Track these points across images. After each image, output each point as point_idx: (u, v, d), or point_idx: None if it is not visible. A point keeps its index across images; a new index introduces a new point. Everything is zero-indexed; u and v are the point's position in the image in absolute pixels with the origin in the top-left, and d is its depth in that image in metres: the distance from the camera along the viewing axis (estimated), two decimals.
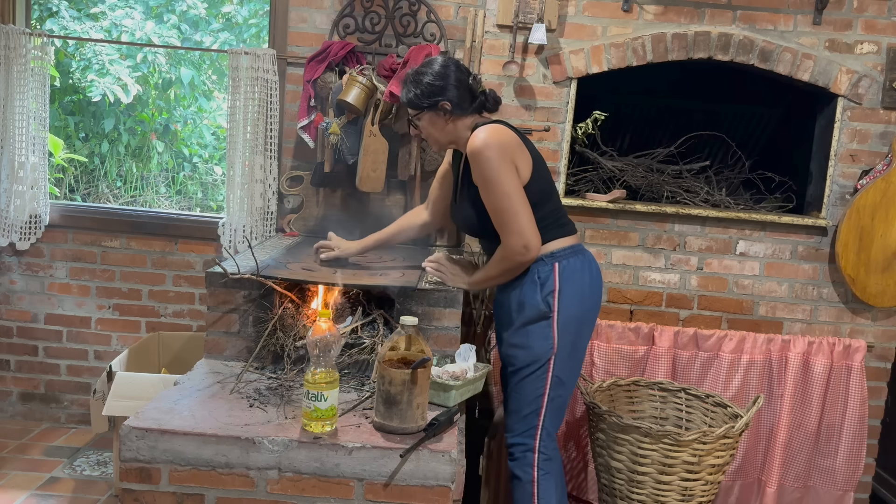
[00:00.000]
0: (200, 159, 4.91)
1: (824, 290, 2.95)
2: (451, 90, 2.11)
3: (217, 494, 1.76)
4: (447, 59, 2.16)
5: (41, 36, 3.14)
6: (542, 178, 2.15)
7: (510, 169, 2.04)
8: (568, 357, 2.15)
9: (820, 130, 2.98)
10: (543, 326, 2.12)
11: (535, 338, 2.13)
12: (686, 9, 2.81)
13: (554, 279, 2.12)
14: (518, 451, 2.22)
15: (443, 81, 2.10)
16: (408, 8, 3.06)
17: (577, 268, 2.15)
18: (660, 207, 2.90)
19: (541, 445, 2.18)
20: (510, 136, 2.09)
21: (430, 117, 2.15)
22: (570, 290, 2.13)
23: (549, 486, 2.20)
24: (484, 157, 2.03)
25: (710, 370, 2.88)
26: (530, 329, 2.14)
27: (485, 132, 2.06)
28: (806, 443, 2.91)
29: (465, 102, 2.13)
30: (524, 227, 2.04)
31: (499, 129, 2.08)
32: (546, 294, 2.11)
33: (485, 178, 2.05)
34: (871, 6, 2.80)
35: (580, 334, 2.19)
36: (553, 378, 2.14)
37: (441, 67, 2.12)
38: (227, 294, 2.23)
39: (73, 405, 3.44)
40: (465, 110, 2.14)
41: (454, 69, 2.13)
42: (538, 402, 2.16)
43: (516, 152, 2.08)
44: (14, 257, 3.35)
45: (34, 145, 3.20)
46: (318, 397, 1.76)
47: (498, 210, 2.06)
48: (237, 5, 4.75)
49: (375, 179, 2.92)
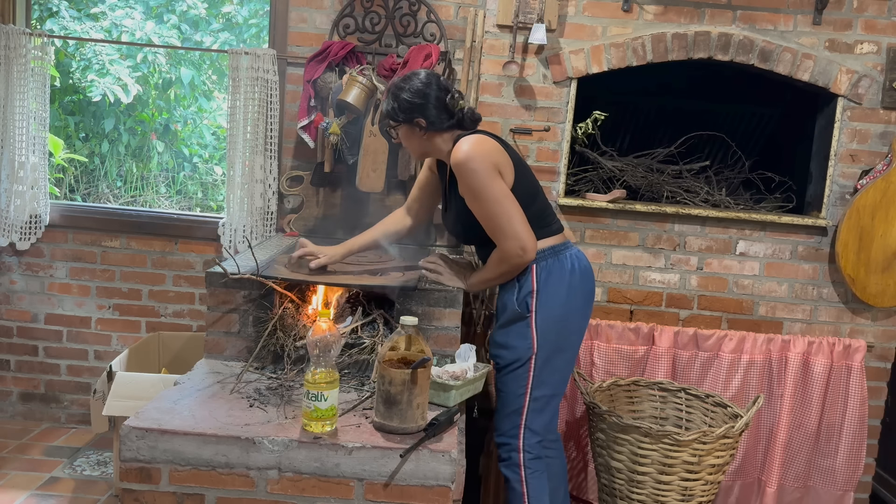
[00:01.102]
0: (200, 159, 4.91)
1: (824, 290, 2.95)
2: (428, 108, 2.12)
3: (217, 494, 1.76)
4: (428, 75, 2.17)
5: (41, 36, 3.14)
6: (525, 181, 2.17)
7: (495, 175, 2.06)
8: (550, 357, 2.16)
9: (820, 130, 2.98)
10: (522, 327, 2.15)
11: (514, 337, 2.16)
12: (686, 9, 2.82)
13: (532, 280, 2.14)
14: (504, 452, 2.24)
15: (421, 100, 2.12)
16: (408, 8, 3.06)
17: (556, 268, 2.15)
18: (660, 207, 2.90)
19: (525, 445, 2.20)
20: (491, 144, 2.11)
21: (406, 130, 2.18)
22: (549, 290, 2.14)
23: (539, 485, 2.20)
24: (468, 168, 2.04)
25: (710, 370, 2.88)
26: (510, 329, 2.17)
27: (467, 144, 2.07)
28: (806, 443, 2.91)
29: (442, 121, 2.15)
30: (518, 229, 2.05)
31: (479, 139, 2.10)
32: (524, 295, 2.14)
33: (472, 188, 2.06)
34: (871, 6, 2.80)
35: (564, 334, 2.19)
36: (534, 378, 2.16)
37: (421, 85, 2.13)
38: (227, 294, 2.23)
39: (73, 405, 3.44)
40: (441, 127, 2.15)
41: (434, 87, 2.13)
42: (520, 402, 2.18)
43: (499, 159, 2.09)
44: (14, 257, 3.35)
45: (34, 145, 3.20)
46: (318, 397, 1.76)
47: (490, 217, 2.08)
48: (237, 5, 4.75)
49: (375, 179, 2.92)
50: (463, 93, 2.37)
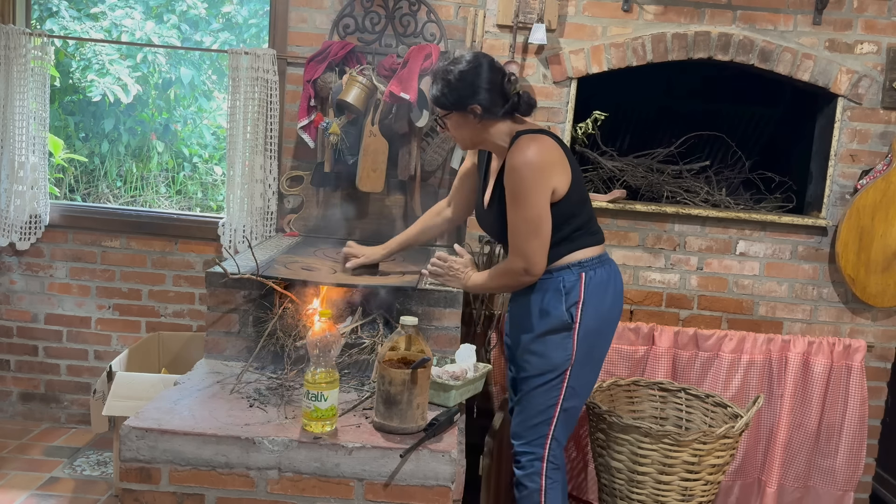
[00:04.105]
0: (200, 159, 4.90)
1: (824, 290, 2.95)
2: (482, 93, 1.97)
3: (217, 494, 1.76)
4: (478, 55, 2.01)
5: (41, 36, 3.14)
6: (579, 189, 2.08)
7: (545, 191, 1.96)
8: (584, 368, 2.11)
9: (820, 130, 2.98)
10: (564, 337, 2.06)
11: (553, 347, 2.07)
12: (686, 9, 2.81)
13: (580, 289, 2.06)
14: (525, 460, 2.17)
15: (474, 82, 1.97)
16: (408, 8, 3.06)
17: (602, 279, 2.10)
18: (660, 207, 2.90)
19: (550, 455, 2.15)
20: (556, 154, 2.00)
21: (458, 119, 2.03)
22: (594, 301, 2.07)
23: (556, 495, 2.17)
24: (522, 174, 1.94)
25: (710, 370, 2.88)
26: (550, 338, 2.07)
27: (534, 148, 1.96)
28: (806, 443, 2.91)
29: (497, 106, 2.00)
30: (534, 252, 1.99)
31: (547, 146, 1.99)
32: (570, 304, 2.06)
33: (517, 193, 1.97)
34: (871, 6, 2.80)
35: (598, 346, 2.14)
36: (568, 389, 2.10)
37: (471, 66, 1.97)
38: (227, 294, 2.23)
39: (73, 405, 3.44)
40: (497, 114, 2.01)
41: (487, 68, 1.99)
42: (550, 412, 2.11)
43: (557, 171, 1.99)
44: (14, 257, 3.35)
45: (34, 145, 3.20)
46: (318, 397, 1.76)
47: (517, 228, 2.00)
48: (237, 5, 4.75)
49: (375, 179, 2.92)
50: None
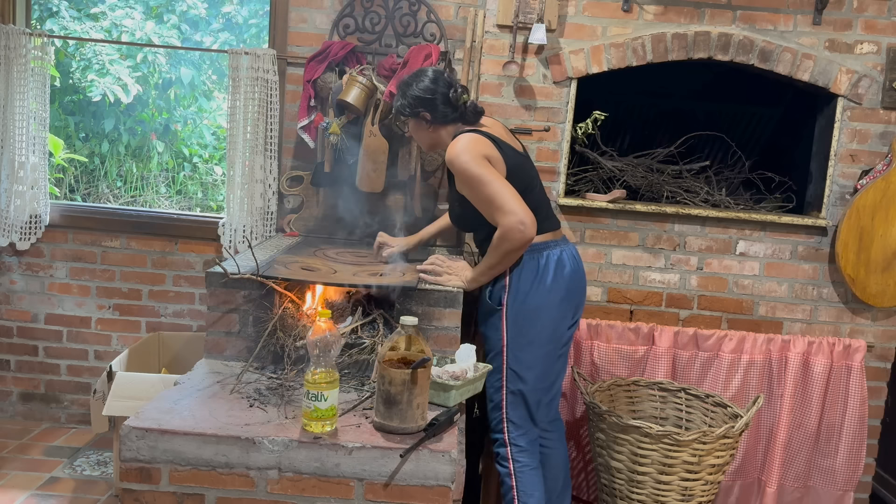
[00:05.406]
0: (200, 159, 4.91)
1: (824, 290, 2.95)
2: (433, 103, 2.26)
3: (217, 494, 1.76)
4: (435, 73, 2.30)
5: (41, 36, 3.14)
6: (520, 179, 2.23)
7: (486, 163, 2.17)
8: (522, 352, 2.23)
9: (820, 130, 2.98)
10: (495, 319, 2.26)
11: (490, 328, 2.29)
12: (686, 9, 2.81)
13: (505, 274, 2.24)
14: (495, 447, 2.32)
15: (429, 95, 2.26)
16: (408, 8, 3.06)
17: (532, 265, 2.23)
18: (660, 207, 2.90)
19: (510, 438, 2.26)
20: (483, 144, 2.20)
21: (414, 124, 2.35)
22: (522, 286, 2.22)
23: (530, 479, 2.24)
24: (459, 161, 2.17)
25: (710, 370, 2.88)
26: (488, 321, 2.30)
27: (462, 140, 2.20)
28: (806, 443, 2.91)
29: (446, 115, 2.28)
30: (515, 205, 2.12)
31: (473, 138, 2.21)
32: (498, 289, 2.26)
33: (465, 178, 2.18)
34: (871, 6, 2.80)
35: (536, 328, 2.23)
36: (508, 371, 2.25)
37: (428, 81, 2.27)
38: (227, 294, 2.23)
39: (73, 405, 3.44)
40: (445, 121, 2.29)
41: (442, 84, 2.27)
42: (499, 396, 2.28)
43: (488, 153, 2.19)
44: (14, 257, 3.35)
45: (34, 145, 3.20)
46: (318, 397, 1.76)
47: (486, 199, 2.16)
48: (237, 5, 4.75)
49: (375, 179, 2.92)
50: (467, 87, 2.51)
